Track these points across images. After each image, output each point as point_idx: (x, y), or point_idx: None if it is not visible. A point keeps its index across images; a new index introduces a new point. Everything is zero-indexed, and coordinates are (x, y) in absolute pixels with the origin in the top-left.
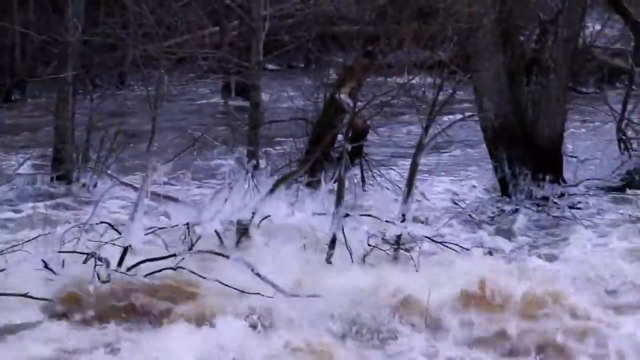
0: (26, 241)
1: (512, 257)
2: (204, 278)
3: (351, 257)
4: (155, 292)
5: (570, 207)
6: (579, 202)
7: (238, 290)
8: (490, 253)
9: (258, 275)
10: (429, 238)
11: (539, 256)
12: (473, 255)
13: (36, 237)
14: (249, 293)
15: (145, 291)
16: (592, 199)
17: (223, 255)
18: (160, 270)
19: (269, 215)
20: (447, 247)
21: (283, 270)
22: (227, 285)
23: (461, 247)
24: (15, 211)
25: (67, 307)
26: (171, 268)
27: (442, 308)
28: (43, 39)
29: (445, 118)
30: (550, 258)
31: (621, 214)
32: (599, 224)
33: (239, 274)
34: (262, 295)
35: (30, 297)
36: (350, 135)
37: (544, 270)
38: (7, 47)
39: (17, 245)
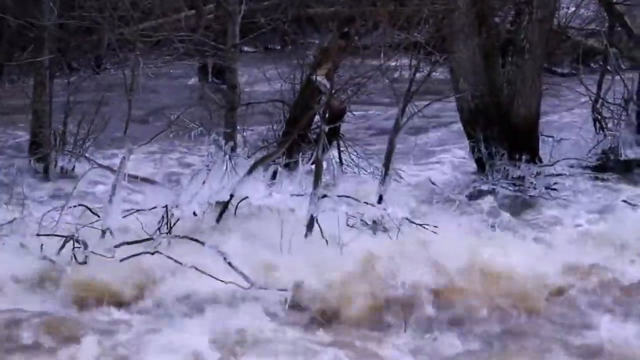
0: (2, 224)
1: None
2: (181, 264)
3: (327, 242)
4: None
5: (547, 187)
6: (555, 183)
7: (214, 278)
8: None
9: (230, 264)
10: (408, 219)
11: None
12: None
13: (11, 221)
14: (224, 282)
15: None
16: (568, 178)
17: (198, 242)
18: (137, 255)
19: (247, 197)
20: (425, 228)
21: (257, 257)
22: (204, 273)
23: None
24: None
25: (45, 289)
26: (149, 252)
27: None
28: (19, 23)
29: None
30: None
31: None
32: (573, 202)
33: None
34: (238, 286)
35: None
36: (327, 116)
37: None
38: None
39: None
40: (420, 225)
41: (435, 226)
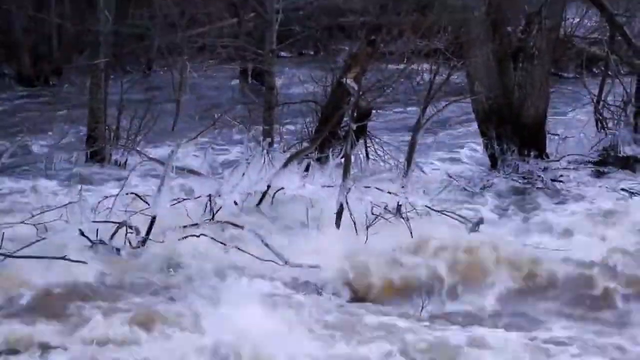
0: (58, 207)
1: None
2: (224, 245)
3: (355, 229)
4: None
5: (553, 180)
6: (561, 175)
7: (254, 256)
8: (481, 220)
9: (267, 245)
10: (429, 207)
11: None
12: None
13: (67, 204)
14: (263, 260)
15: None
16: (572, 172)
17: (238, 226)
18: (184, 238)
19: (283, 187)
20: (445, 215)
21: (292, 239)
22: (245, 252)
23: (457, 215)
24: (53, 183)
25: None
26: (194, 235)
27: None
28: (77, 30)
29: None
30: None
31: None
32: (578, 194)
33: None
34: (275, 263)
35: (69, 259)
36: (355, 115)
37: None
38: (45, 37)
39: (52, 209)
40: (439, 212)
41: (452, 212)
